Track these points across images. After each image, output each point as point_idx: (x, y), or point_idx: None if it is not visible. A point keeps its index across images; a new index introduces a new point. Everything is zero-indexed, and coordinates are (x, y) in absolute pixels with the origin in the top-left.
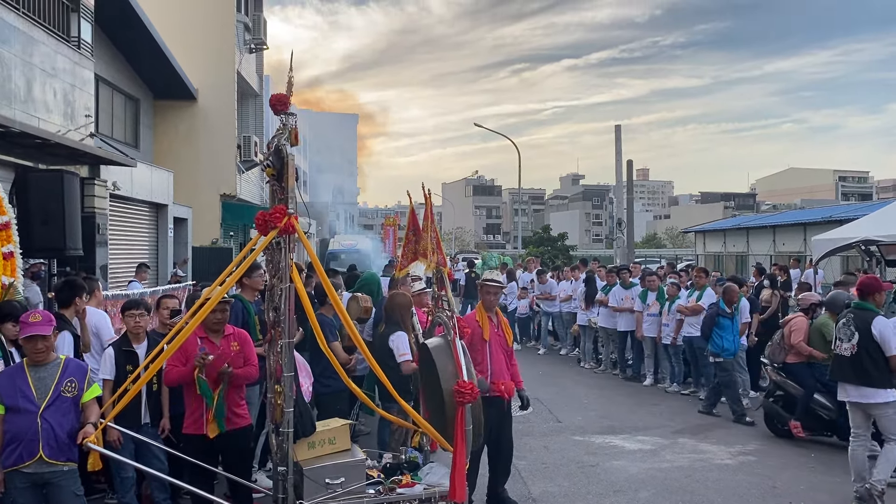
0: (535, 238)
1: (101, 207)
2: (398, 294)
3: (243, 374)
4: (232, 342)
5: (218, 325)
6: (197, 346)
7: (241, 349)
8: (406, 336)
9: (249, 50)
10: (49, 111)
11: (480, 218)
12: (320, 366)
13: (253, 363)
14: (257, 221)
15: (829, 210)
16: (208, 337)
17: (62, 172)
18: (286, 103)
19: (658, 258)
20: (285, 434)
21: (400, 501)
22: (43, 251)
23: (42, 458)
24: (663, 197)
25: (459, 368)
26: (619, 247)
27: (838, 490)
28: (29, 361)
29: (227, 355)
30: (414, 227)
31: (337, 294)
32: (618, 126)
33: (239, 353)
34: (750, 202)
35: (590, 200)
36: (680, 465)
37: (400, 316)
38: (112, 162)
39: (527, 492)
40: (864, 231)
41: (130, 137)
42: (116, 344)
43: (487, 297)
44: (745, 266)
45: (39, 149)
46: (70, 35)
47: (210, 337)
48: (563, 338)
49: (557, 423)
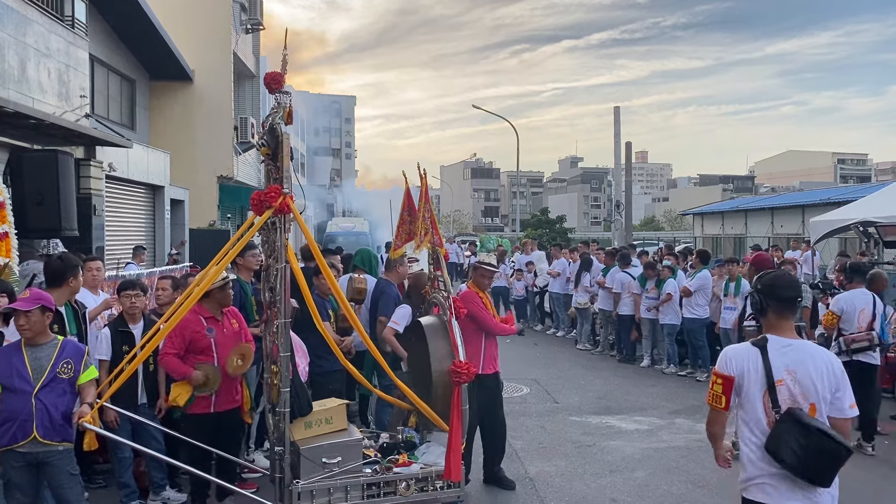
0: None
1: (97, 189)
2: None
3: None
4: (231, 320)
5: (227, 301)
6: (203, 327)
7: (240, 327)
8: (409, 311)
9: (246, 30)
10: (44, 92)
11: (479, 201)
12: (311, 345)
13: (250, 340)
14: (252, 201)
15: (828, 192)
16: (214, 317)
17: (56, 153)
18: (280, 81)
19: (656, 241)
20: (282, 414)
21: (396, 481)
22: (37, 232)
23: (36, 439)
24: (662, 179)
25: (455, 348)
26: (618, 229)
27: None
28: (27, 340)
29: (234, 334)
30: (409, 208)
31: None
32: (617, 108)
33: (238, 331)
34: (748, 185)
35: (588, 183)
36: (676, 446)
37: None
38: (108, 143)
39: (524, 471)
40: (862, 213)
41: (126, 118)
42: (112, 324)
43: (481, 279)
44: (742, 248)
45: (34, 129)
46: (64, 15)
47: (216, 316)
48: (560, 320)
49: (554, 404)
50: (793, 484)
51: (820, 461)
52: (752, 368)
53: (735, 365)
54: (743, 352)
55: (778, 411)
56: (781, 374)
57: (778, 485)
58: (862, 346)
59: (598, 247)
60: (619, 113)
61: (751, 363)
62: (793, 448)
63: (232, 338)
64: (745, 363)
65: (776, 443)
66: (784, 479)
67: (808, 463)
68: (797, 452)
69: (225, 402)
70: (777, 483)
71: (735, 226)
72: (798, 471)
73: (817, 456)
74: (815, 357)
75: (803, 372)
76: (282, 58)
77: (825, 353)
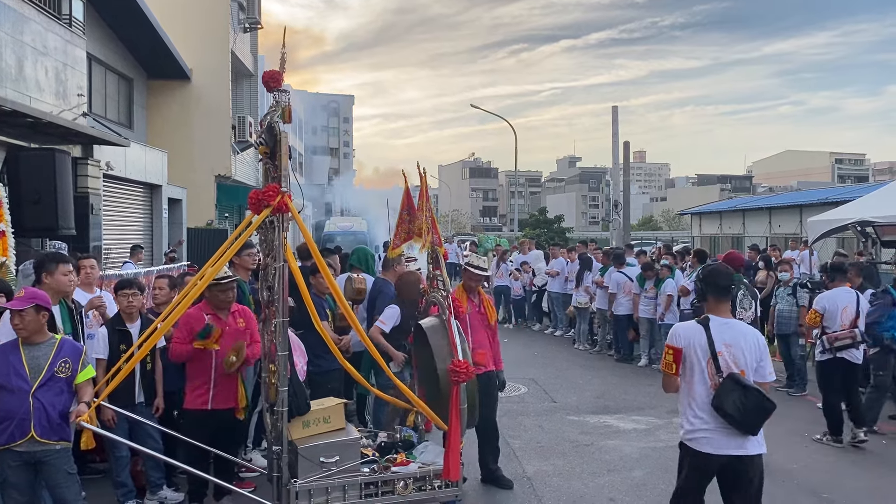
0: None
1: (95, 187)
2: (410, 273)
3: (251, 353)
4: (238, 319)
5: (228, 303)
6: (204, 322)
7: (247, 326)
8: (397, 311)
9: (244, 29)
10: (41, 90)
11: (477, 200)
12: (309, 345)
13: (258, 340)
14: (250, 200)
15: (825, 192)
16: (216, 314)
17: (53, 151)
18: (279, 80)
19: (654, 240)
20: (280, 413)
21: (394, 480)
22: (34, 231)
23: (34, 438)
24: (660, 179)
25: (454, 347)
26: (616, 229)
27: (831, 468)
28: (25, 339)
29: (235, 332)
30: (408, 207)
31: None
32: (615, 107)
33: (245, 329)
34: (746, 184)
35: (586, 183)
36: (674, 445)
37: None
38: (105, 142)
39: (521, 470)
40: (860, 212)
41: (124, 117)
42: (110, 323)
43: (469, 282)
44: (740, 248)
45: (32, 128)
46: (61, 13)
47: (219, 314)
48: (558, 319)
49: (552, 403)
50: (727, 435)
51: (756, 414)
52: (697, 342)
53: (683, 339)
54: (690, 328)
55: (721, 376)
56: (721, 347)
57: (715, 437)
58: (845, 343)
59: (596, 246)
60: (617, 113)
61: (696, 338)
62: (736, 404)
63: (233, 336)
64: (692, 337)
65: (721, 400)
66: (720, 431)
67: (747, 416)
68: (739, 408)
69: (222, 400)
70: (715, 435)
71: (733, 226)
72: (738, 422)
73: (754, 410)
74: (745, 334)
75: (737, 345)
76: (280, 56)
77: (753, 331)
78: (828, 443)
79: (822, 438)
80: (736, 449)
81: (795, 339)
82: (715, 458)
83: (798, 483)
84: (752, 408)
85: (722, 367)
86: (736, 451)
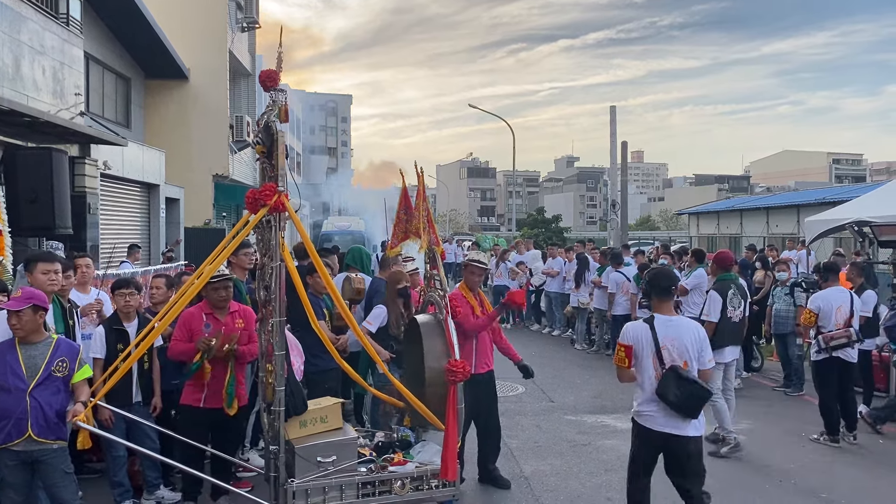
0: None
1: (92, 187)
2: (394, 272)
3: (247, 351)
4: (237, 319)
5: (223, 302)
6: (202, 323)
7: (245, 326)
8: (384, 311)
9: (241, 29)
10: (38, 89)
11: (475, 200)
12: (306, 344)
13: (255, 341)
14: (247, 199)
15: (823, 192)
16: (213, 314)
17: (50, 150)
18: (276, 79)
19: (652, 240)
20: (277, 413)
21: (392, 480)
22: (31, 230)
23: (31, 437)
24: (658, 179)
25: (451, 347)
26: (613, 229)
27: (828, 468)
28: (22, 339)
29: (233, 332)
30: (405, 207)
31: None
32: (613, 107)
33: (244, 330)
34: (744, 184)
35: (584, 183)
36: None
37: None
38: (103, 141)
39: (519, 470)
40: (857, 212)
41: (121, 117)
42: (107, 322)
43: (472, 277)
44: (738, 248)
45: (29, 127)
46: (59, 12)
47: (216, 314)
48: (556, 319)
49: (550, 403)
50: (668, 416)
51: (692, 401)
52: (645, 339)
53: (632, 337)
54: (638, 327)
55: (664, 367)
56: (665, 342)
57: (658, 416)
58: (841, 342)
59: (594, 246)
60: (615, 112)
61: (643, 335)
62: (675, 392)
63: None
64: (639, 335)
65: (664, 389)
66: (663, 412)
67: (684, 402)
68: (678, 395)
69: (214, 399)
70: (659, 415)
71: (730, 225)
72: (678, 407)
73: (691, 397)
74: (687, 329)
75: (679, 340)
76: (277, 56)
77: (694, 325)
78: (825, 443)
79: (819, 438)
80: (673, 428)
81: (793, 339)
82: (656, 433)
83: (795, 483)
84: (689, 396)
85: (665, 361)
86: (673, 430)
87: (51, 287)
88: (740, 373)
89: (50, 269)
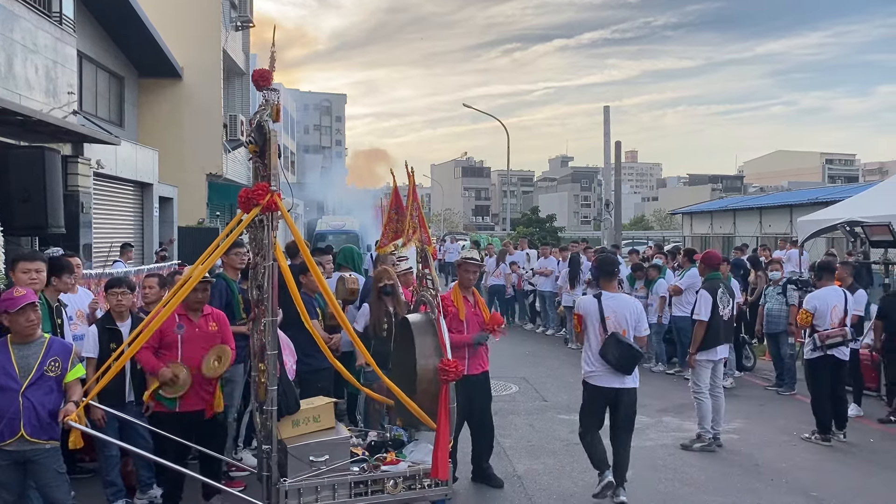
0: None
1: (85, 186)
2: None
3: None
4: (210, 322)
5: (199, 304)
6: (174, 323)
7: (218, 329)
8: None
9: (235, 28)
10: (31, 88)
11: (469, 199)
12: (299, 343)
13: (226, 342)
14: (240, 198)
15: (816, 192)
16: (187, 315)
17: (42, 149)
18: (269, 79)
19: (646, 240)
20: (269, 412)
21: (384, 479)
22: (24, 229)
23: (23, 437)
24: (651, 179)
25: (443, 346)
26: (607, 228)
27: (820, 467)
28: (15, 338)
29: (206, 334)
30: (397, 206)
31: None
32: (606, 107)
33: (217, 332)
34: (737, 184)
35: (578, 182)
36: (664, 444)
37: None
38: (96, 140)
39: (512, 469)
40: (849, 212)
41: (115, 116)
42: (100, 322)
43: (466, 275)
44: (731, 247)
45: (21, 126)
46: (52, 10)
47: (189, 315)
48: (550, 319)
49: (543, 402)
50: (611, 374)
51: (627, 361)
52: (593, 310)
53: (583, 309)
54: (588, 301)
55: (606, 334)
56: (608, 313)
57: (604, 374)
58: (836, 341)
59: (587, 246)
60: (608, 112)
61: (591, 307)
62: (614, 354)
63: (203, 338)
64: (589, 307)
65: (605, 351)
66: (607, 372)
67: (622, 362)
68: (616, 356)
69: (190, 402)
70: (603, 374)
71: (724, 225)
72: (617, 366)
73: (627, 358)
74: (627, 303)
75: (620, 312)
76: (270, 55)
77: (633, 300)
78: (816, 441)
79: (810, 437)
80: (616, 383)
81: (785, 339)
82: (603, 389)
83: (787, 482)
84: (626, 356)
85: (608, 328)
86: (616, 384)
87: (31, 286)
88: (732, 372)
89: (31, 268)
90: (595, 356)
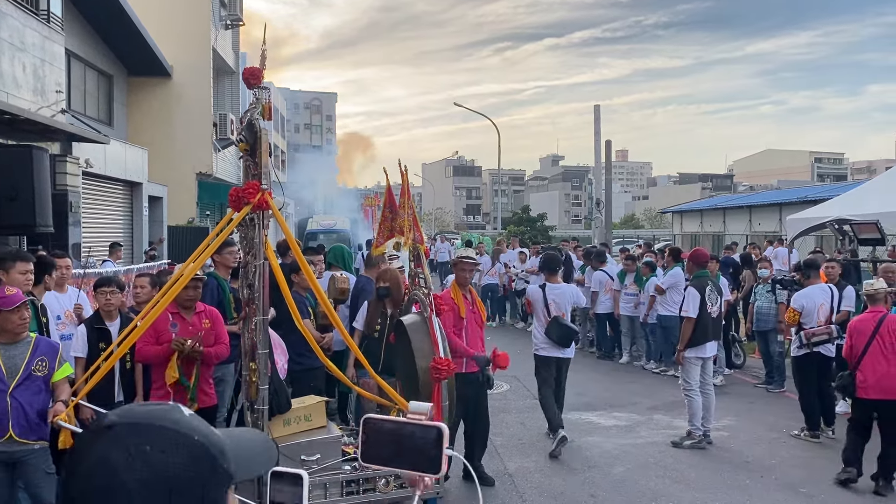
0: (514, 218)
1: (74, 185)
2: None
3: (214, 352)
4: (203, 319)
5: (190, 301)
6: (168, 322)
7: (212, 327)
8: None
9: (225, 26)
10: (18, 87)
11: (460, 198)
12: (290, 342)
13: (224, 341)
14: (230, 197)
15: (805, 191)
16: (180, 313)
17: (30, 148)
18: (259, 77)
19: (636, 238)
20: (260, 411)
21: (376, 478)
22: (11, 228)
23: (12, 437)
24: (642, 178)
25: (436, 345)
26: (598, 227)
27: (809, 463)
28: (1, 338)
29: (199, 332)
30: (390, 205)
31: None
32: (597, 106)
33: (210, 330)
34: (727, 183)
35: (569, 181)
36: (654, 441)
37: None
38: (84, 139)
39: (503, 467)
40: (838, 211)
41: (104, 114)
42: (89, 321)
43: (462, 273)
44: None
45: (9, 125)
46: (39, 9)
47: (182, 313)
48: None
49: (534, 400)
50: (554, 347)
51: (566, 338)
52: (538, 298)
53: (532, 297)
54: (535, 290)
55: (549, 317)
56: (551, 300)
57: (549, 348)
58: (821, 339)
59: (577, 244)
60: (599, 111)
61: (538, 295)
62: (556, 333)
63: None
64: (536, 295)
65: (548, 330)
66: (551, 346)
67: (563, 339)
68: (558, 334)
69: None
70: (549, 348)
71: (714, 224)
72: (558, 342)
73: (564, 336)
74: (566, 291)
75: (561, 299)
76: (261, 53)
77: (572, 289)
78: (805, 438)
79: (799, 434)
80: (558, 353)
81: (774, 336)
82: (549, 358)
83: (777, 478)
84: (563, 334)
85: (551, 312)
86: (558, 354)
87: (26, 287)
88: (722, 370)
89: (27, 269)
90: (541, 333)
